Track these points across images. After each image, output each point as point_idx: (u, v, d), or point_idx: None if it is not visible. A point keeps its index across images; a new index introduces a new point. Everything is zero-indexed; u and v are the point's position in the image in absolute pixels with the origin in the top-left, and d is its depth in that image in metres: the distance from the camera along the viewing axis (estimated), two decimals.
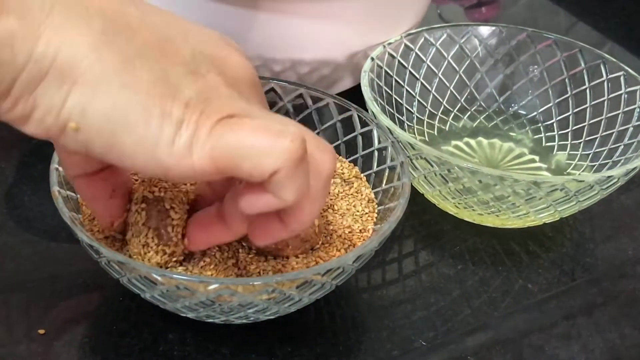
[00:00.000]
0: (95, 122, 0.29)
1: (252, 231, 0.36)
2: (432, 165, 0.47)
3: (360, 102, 0.50)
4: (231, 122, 0.30)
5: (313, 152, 0.33)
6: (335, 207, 0.46)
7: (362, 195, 0.46)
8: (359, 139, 0.49)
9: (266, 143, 0.30)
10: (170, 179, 0.36)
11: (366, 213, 0.45)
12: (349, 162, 0.49)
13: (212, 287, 0.36)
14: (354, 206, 0.45)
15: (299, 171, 0.31)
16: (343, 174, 0.48)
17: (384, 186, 0.46)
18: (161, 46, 0.31)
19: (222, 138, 0.30)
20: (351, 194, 0.46)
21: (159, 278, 0.37)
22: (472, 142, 0.58)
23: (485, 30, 0.59)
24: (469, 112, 0.60)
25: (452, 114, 0.59)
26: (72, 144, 0.30)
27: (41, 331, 0.42)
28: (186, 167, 0.30)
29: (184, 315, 0.41)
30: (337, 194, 0.46)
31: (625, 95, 0.54)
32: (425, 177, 0.49)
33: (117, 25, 0.30)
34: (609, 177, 0.46)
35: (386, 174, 0.46)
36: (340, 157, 0.49)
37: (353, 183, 0.47)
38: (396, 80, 0.56)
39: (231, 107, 0.31)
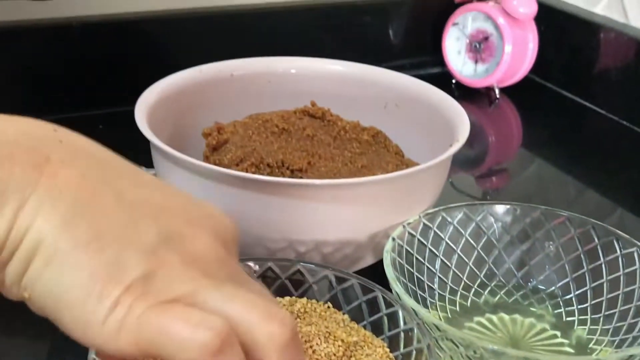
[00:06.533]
0: (41, 296, 0.32)
1: None
2: (457, 346, 0.48)
3: (382, 277, 0.52)
4: (162, 307, 0.31)
5: None
6: None
7: None
8: (385, 319, 0.50)
9: (184, 335, 0.31)
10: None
11: None
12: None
13: None
14: None
15: None
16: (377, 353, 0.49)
17: None
18: (125, 228, 0.32)
19: (148, 323, 0.31)
20: None
21: None
22: (494, 318, 0.59)
23: (500, 208, 0.61)
24: (489, 288, 0.61)
25: (473, 289, 0.61)
26: (35, 311, 0.33)
27: None
28: (113, 348, 0.31)
29: None
30: None
31: None
32: (451, 358, 0.49)
33: (85, 207, 0.32)
34: (630, 356, 0.47)
35: (413, 356, 0.47)
36: (372, 335, 0.50)
37: None
38: (417, 258, 0.58)
39: (175, 289, 0.32)
